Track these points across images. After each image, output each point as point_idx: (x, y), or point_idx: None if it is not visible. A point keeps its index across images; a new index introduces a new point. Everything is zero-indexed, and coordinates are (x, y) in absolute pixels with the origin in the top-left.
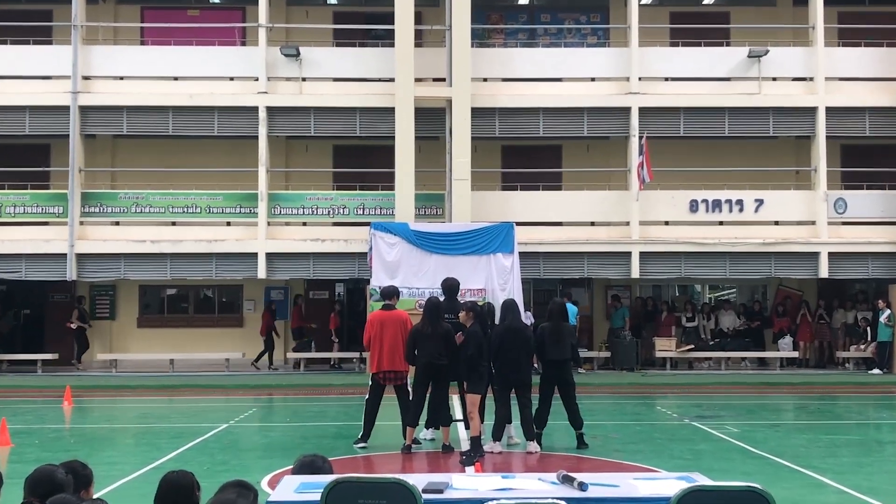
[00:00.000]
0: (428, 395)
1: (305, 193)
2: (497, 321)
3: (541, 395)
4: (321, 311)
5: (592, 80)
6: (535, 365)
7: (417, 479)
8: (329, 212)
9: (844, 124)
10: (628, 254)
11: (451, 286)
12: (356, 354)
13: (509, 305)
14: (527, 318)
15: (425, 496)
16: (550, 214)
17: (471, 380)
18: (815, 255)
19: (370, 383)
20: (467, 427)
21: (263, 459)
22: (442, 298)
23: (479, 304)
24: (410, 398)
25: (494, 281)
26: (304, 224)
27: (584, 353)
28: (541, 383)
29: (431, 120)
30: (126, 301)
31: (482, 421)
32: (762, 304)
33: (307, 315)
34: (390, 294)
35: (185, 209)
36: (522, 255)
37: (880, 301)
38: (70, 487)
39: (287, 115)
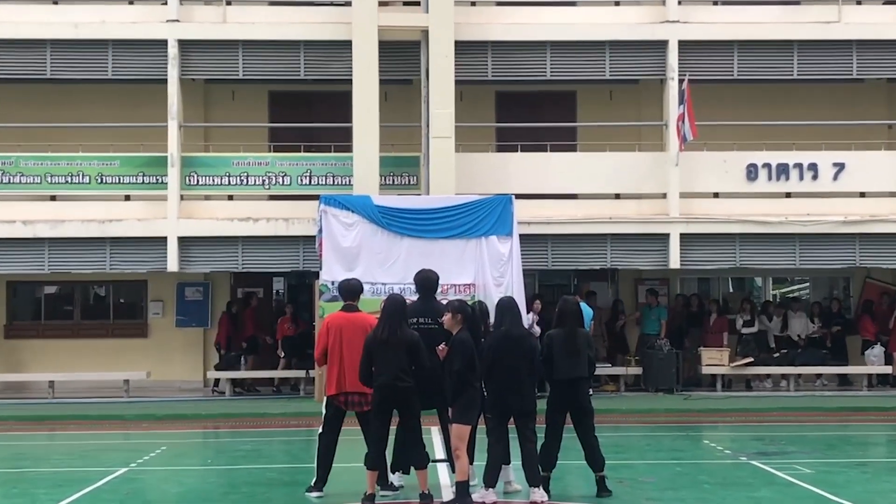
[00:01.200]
0: (394, 428)
1: (232, 157)
2: (491, 327)
3: (548, 425)
4: (260, 317)
5: (616, 3)
6: (542, 390)
7: None
8: (264, 181)
9: None
10: (665, 236)
11: (427, 281)
12: (301, 373)
13: (507, 306)
14: (530, 322)
15: None
16: (562, 184)
17: (457, 405)
18: None
19: (325, 411)
20: (452, 469)
21: None
22: (414, 297)
23: (468, 303)
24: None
25: (487, 273)
26: (231, 198)
27: (605, 369)
28: (548, 410)
29: (401, 57)
30: None
31: (471, 461)
32: (843, 303)
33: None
34: (352, 291)
35: (69, 178)
36: (524, 238)
37: None
38: None
39: (206, 51)
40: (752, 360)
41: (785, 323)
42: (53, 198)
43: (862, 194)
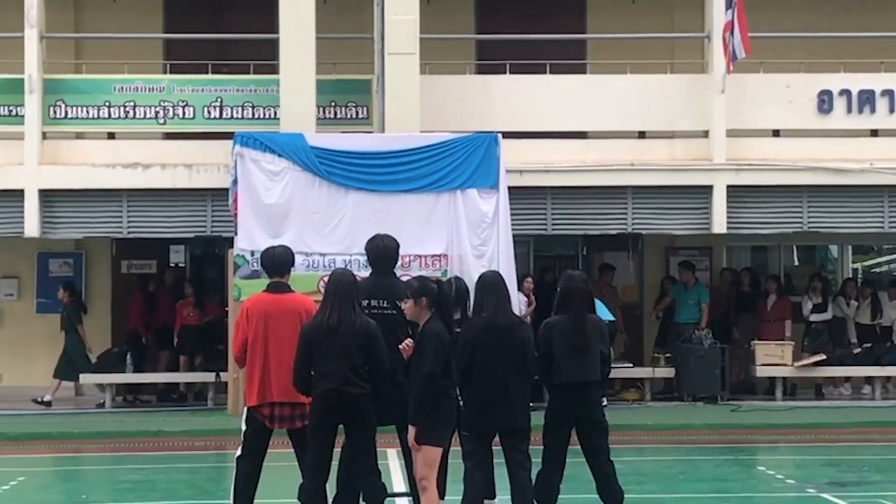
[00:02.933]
0: (339, 450)
1: (113, 80)
2: (469, 312)
3: (547, 447)
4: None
5: None
6: (539, 399)
7: None
8: (157, 113)
9: None
10: (706, 190)
11: (382, 251)
12: (210, 377)
13: (490, 284)
14: (521, 307)
15: None
16: (566, 118)
17: (423, 420)
18: None
19: (244, 427)
20: None
21: None
22: (366, 273)
23: (439, 280)
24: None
25: (464, 240)
26: (112, 136)
27: (624, 370)
28: (547, 426)
29: None
30: None
31: (442, 495)
32: None
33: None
34: (279, 264)
35: None
36: (515, 192)
37: None
38: None
39: None
40: (823, 357)
41: (871, 308)
42: None
43: None
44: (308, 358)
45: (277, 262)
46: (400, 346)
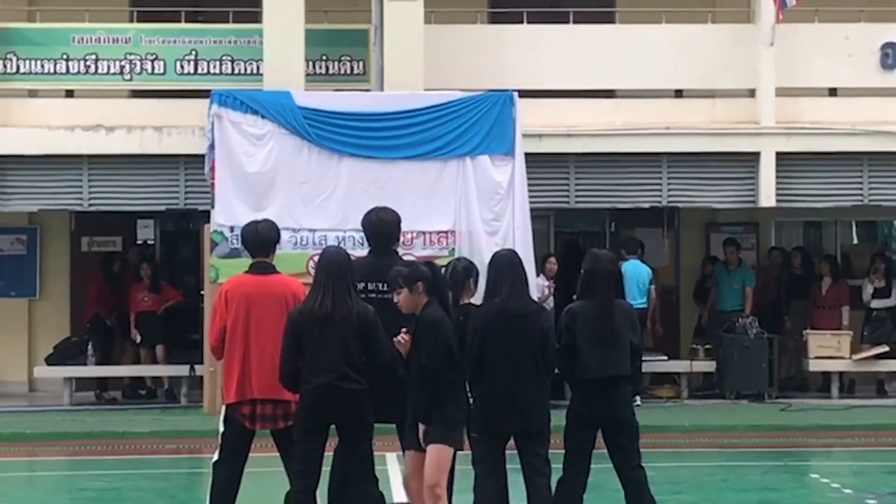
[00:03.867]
0: (331, 454)
1: (71, 30)
2: (482, 298)
3: (569, 451)
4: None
5: None
6: (559, 397)
7: None
8: (123, 68)
9: None
10: (753, 157)
11: (381, 226)
12: (183, 370)
13: (504, 265)
14: (541, 291)
15: None
16: (592, 75)
17: (428, 421)
18: None
19: (221, 428)
20: None
21: None
22: (362, 252)
23: (441, 263)
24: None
25: (475, 214)
26: (71, 94)
27: (657, 364)
28: (569, 427)
29: None
30: None
31: None
32: None
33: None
34: (263, 241)
35: None
36: (534, 159)
37: None
38: None
39: None
40: (886, 349)
41: None
42: None
43: None
44: (296, 349)
45: (261, 240)
46: (396, 340)
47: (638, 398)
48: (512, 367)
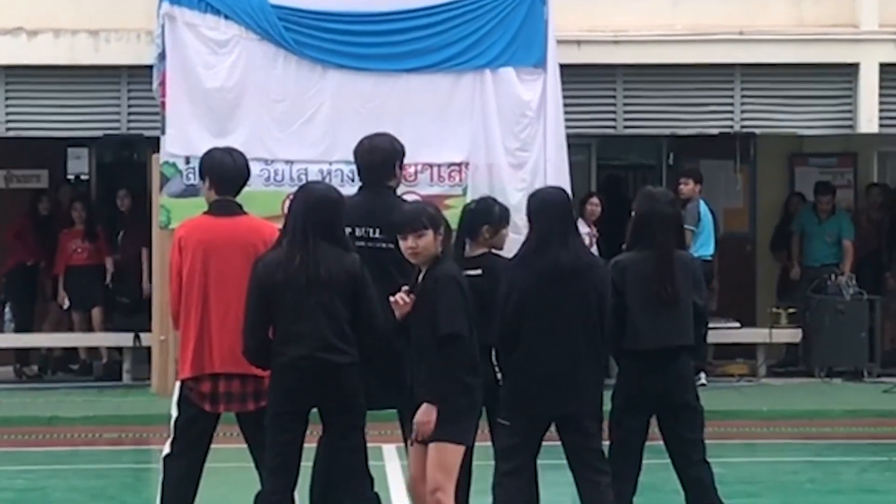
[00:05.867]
0: (313, 446)
1: None
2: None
3: (614, 442)
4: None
5: None
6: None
7: None
8: None
9: None
10: (851, 70)
11: (378, 156)
12: (125, 339)
13: (552, 205)
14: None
15: None
16: None
17: (441, 407)
18: None
19: (174, 413)
20: None
21: None
22: (351, 190)
23: (451, 205)
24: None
25: (497, 142)
26: None
27: (724, 333)
28: (615, 413)
29: None
30: None
31: None
32: None
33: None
34: (227, 174)
35: None
36: (571, 72)
37: None
38: None
39: None
40: None
41: None
42: None
43: None
44: (265, 313)
45: (225, 173)
46: (392, 299)
47: (702, 375)
48: (558, 336)
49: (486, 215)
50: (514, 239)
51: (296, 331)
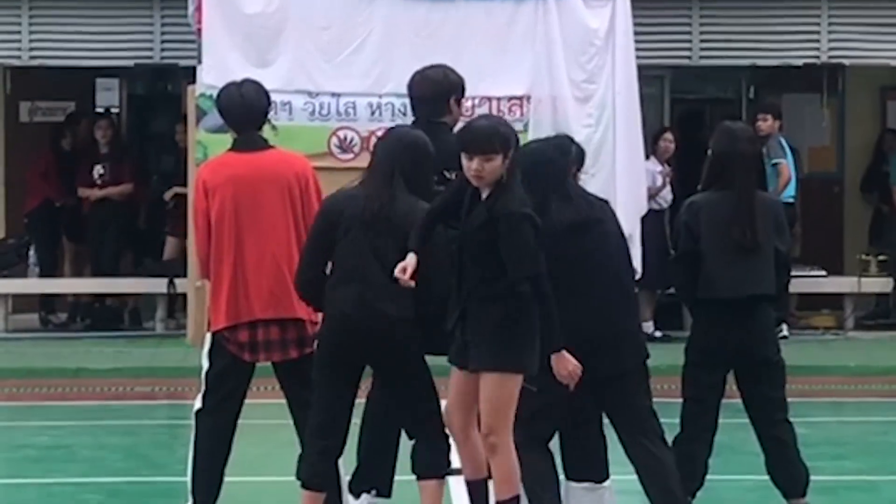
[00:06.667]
0: (364, 401)
1: None
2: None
3: (687, 400)
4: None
5: None
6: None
7: None
8: None
9: None
10: None
11: (428, 89)
12: (160, 286)
13: (538, 166)
14: (651, 179)
15: None
16: None
17: (496, 334)
18: None
19: (206, 364)
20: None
21: None
22: (404, 121)
23: (523, 140)
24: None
25: (561, 74)
26: None
27: (807, 282)
28: (688, 368)
29: None
30: None
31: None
32: None
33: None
34: (246, 107)
35: None
36: None
37: None
38: None
39: None
40: None
41: None
42: None
43: None
44: (326, 249)
45: (237, 107)
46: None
47: (784, 327)
48: (583, 291)
49: (582, 157)
50: (583, 181)
51: (353, 273)
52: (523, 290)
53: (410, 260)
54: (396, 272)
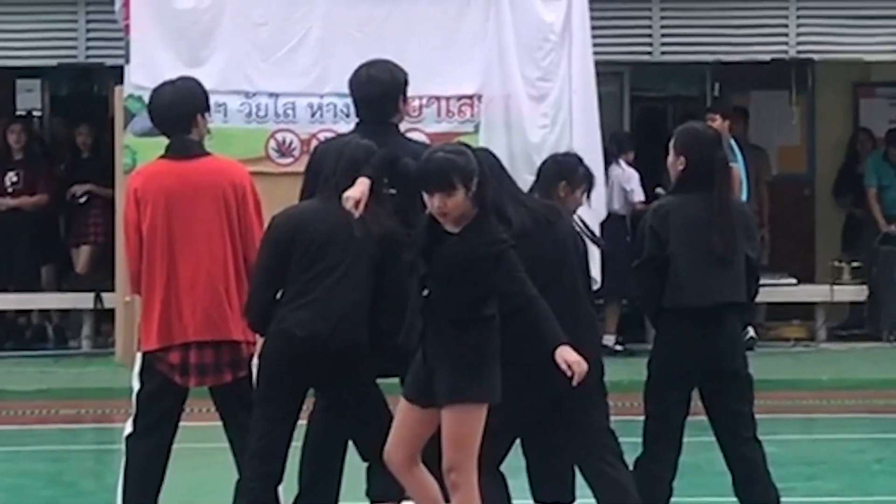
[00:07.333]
0: (305, 423)
1: None
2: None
3: (650, 417)
4: None
5: None
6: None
7: None
8: None
9: None
10: None
11: (374, 89)
12: (85, 301)
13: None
14: (625, 186)
15: None
16: None
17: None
18: None
19: (136, 385)
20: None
21: None
22: (347, 127)
23: (473, 142)
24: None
25: (514, 71)
26: None
27: (777, 291)
28: (652, 382)
29: None
30: None
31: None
32: None
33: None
34: (177, 110)
35: None
36: None
37: None
38: None
39: None
40: None
41: None
42: None
43: None
44: (279, 272)
45: (164, 106)
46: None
47: (750, 330)
48: (552, 301)
49: (569, 171)
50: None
51: (308, 294)
52: (489, 316)
53: (363, 188)
54: (349, 205)
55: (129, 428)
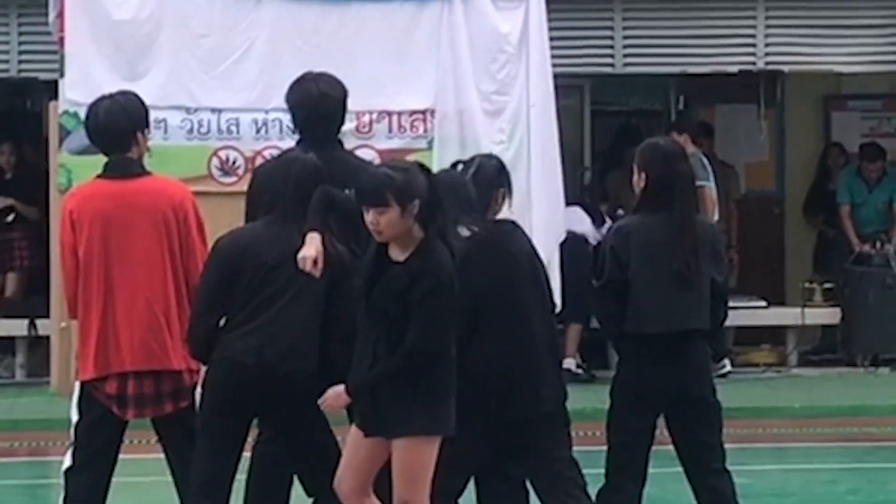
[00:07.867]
0: (256, 457)
1: None
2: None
3: (613, 447)
4: None
5: None
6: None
7: None
8: None
9: None
10: None
11: (320, 103)
12: (19, 328)
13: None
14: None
15: None
16: None
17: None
18: None
19: (75, 417)
20: None
21: None
22: (289, 144)
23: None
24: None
25: (468, 85)
26: None
27: (746, 314)
28: (615, 411)
29: None
30: None
31: None
32: None
33: None
34: (115, 125)
35: None
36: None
37: None
38: None
39: None
40: None
41: None
42: None
43: None
44: (222, 299)
45: (110, 124)
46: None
47: (727, 362)
48: (495, 323)
49: (506, 177)
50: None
51: (254, 323)
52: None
53: (315, 244)
54: (308, 267)
55: (67, 461)
